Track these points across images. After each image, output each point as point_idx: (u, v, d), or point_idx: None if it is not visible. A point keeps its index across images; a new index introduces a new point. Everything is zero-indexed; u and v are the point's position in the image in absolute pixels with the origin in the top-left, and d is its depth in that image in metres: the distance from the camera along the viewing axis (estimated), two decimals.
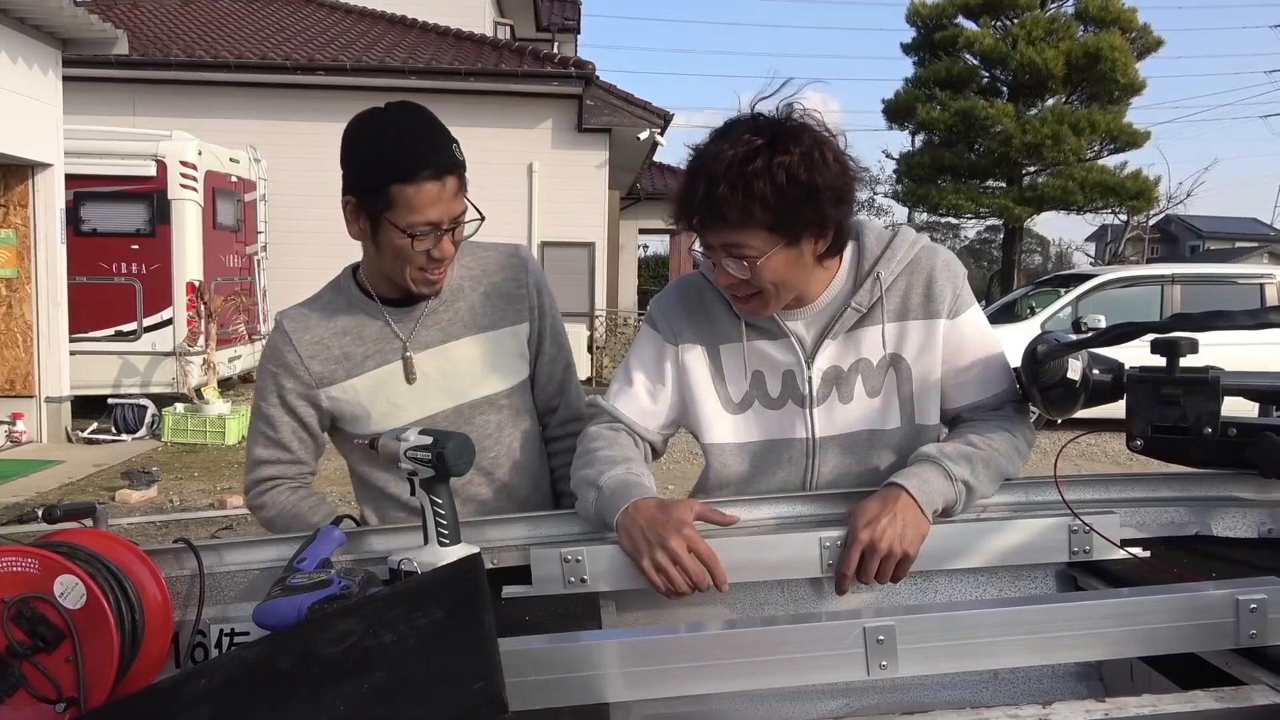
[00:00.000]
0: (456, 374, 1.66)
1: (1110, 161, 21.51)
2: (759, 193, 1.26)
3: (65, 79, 8.07)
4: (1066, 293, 10.30)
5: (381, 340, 1.64)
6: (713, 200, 1.28)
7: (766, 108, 1.33)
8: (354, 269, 1.70)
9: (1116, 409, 1.39)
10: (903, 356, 1.45)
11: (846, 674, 1.06)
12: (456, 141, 1.55)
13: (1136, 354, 1.33)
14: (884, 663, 1.05)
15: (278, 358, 1.64)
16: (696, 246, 1.40)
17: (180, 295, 9.19)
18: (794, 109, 1.33)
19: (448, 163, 1.50)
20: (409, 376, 1.63)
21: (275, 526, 1.64)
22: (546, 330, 1.75)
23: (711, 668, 1.05)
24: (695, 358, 1.49)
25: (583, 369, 11.92)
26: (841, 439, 1.47)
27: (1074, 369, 1.34)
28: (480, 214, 1.60)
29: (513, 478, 1.71)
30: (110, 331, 9.11)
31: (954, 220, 29.62)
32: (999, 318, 11.00)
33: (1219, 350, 1.49)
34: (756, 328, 1.47)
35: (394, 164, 1.47)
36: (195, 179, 9.29)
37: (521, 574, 1.32)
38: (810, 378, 1.45)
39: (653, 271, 26.87)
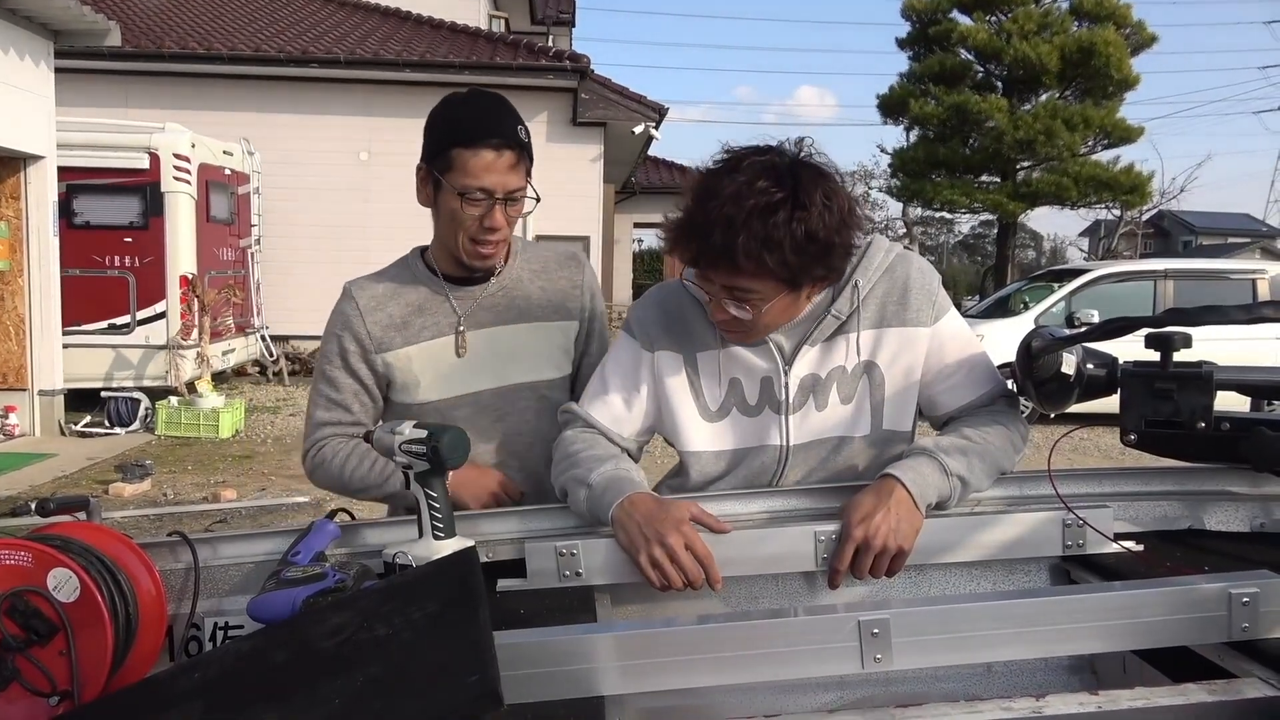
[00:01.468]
0: (505, 356, 1.73)
1: (1104, 157, 21.53)
2: (778, 247, 1.25)
3: (57, 71, 8.03)
4: (1060, 288, 10.33)
5: (439, 314, 1.72)
6: (730, 248, 1.25)
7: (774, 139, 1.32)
8: (422, 249, 1.80)
9: (1110, 403, 1.39)
10: (876, 364, 1.45)
11: (841, 667, 1.06)
12: (525, 127, 1.63)
13: (1130, 349, 1.34)
14: (878, 656, 1.05)
15: (343, 322, 1.72)
16: (690, 278, 1.39)
17: (174, 288, 9.16)
18: (804, 144, 1.32)
19: (508, 137, 1.59)
20: (459, 350, 1.71)
21: (335, 472, 1.69)
22: (595, 333, 1.83)
23: (706, 661, 1.05)
24: (672, 366, 1.48)
25: None
26: (812, 445, 1.47)
27: (1068, 363, 1.35)
28: (537, 196, 1.66)
29: (544, 468, 1.71)
30: (103, 324, 9.07)
31: (948, 215, 29.68)
32: (992, 313, 11.04)
33: (1212, 345, 1.49)
34: None
35: (457, 130, 1.60)
36: (188, 172, 9.25)
37: (516, 567, 1.32)
38: (788, 384, 1.44)
39: (647, 266, 26.82)
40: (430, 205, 1.68)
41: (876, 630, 1.05)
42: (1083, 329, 1.34)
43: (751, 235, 1.24)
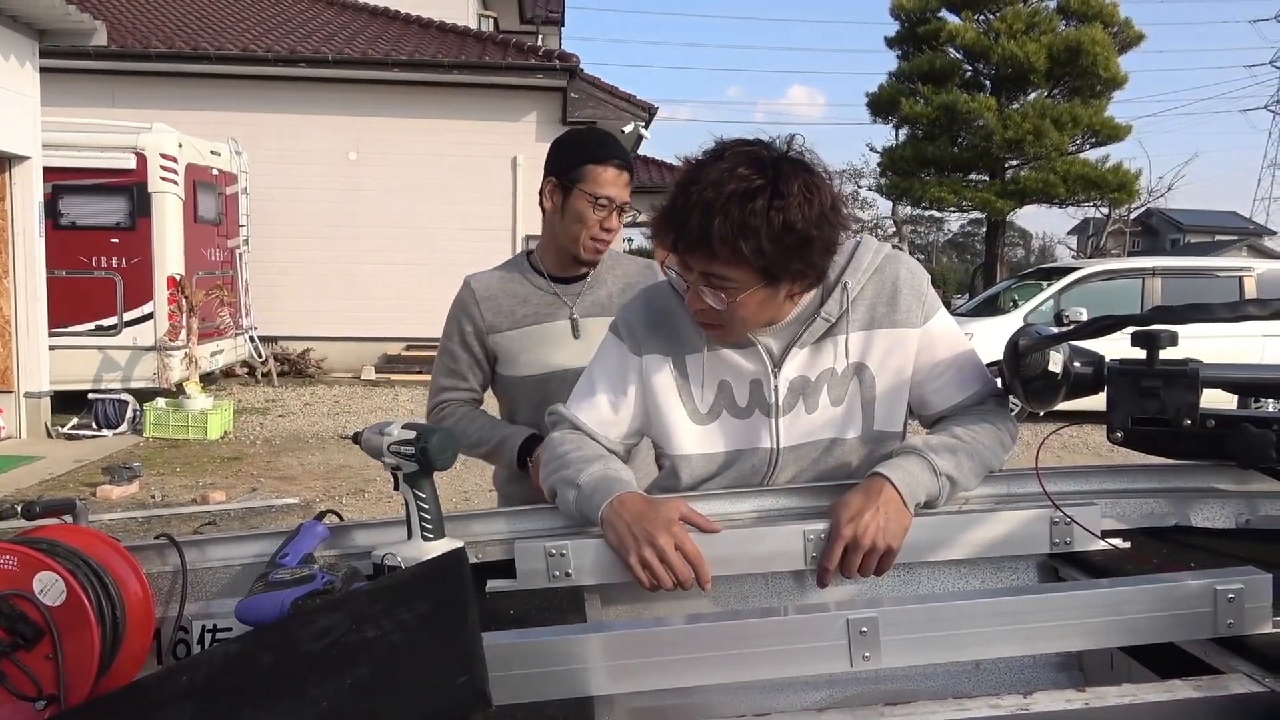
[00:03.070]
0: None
1: (1092, 155, 21.65)
2: (754, 234, 1.24)
3: (42, 70, 7.98)
4: (1048, 286, 10.38)
5: (543, 305, 2.09)
6: (706, 232, 1.25)
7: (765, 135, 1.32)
8: (527, 253, 2.17)
9: (1098, 401, 1.40)
10: (867, 365, 1.45)
11: (830, 665, 1.06)
12: (633, 158, 1.99)
13: (1117, 346, 1.35)
14: (867, 654, 1.05)
15: (463, 307, 2.10)
16: (672, 266, 1.39)
17: (161, 289, 9.12)
18: (794, 141, 1.32)
19: (627, 163, 2.03)
20: (575, 333, 2.07)
21: (453, 432, 2.00)
22: None
23: (695, 660, 1.05)
24: (660, 370, 1.47)
25: None
26: (803, 447, 1.47)
27: (1055, 362, 1.35)
28: (638, 211, 2.10)
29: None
30: (90, 326, 9.02)
31: (937, 213, 29.78)
32: (982, 311, 11.09)
33: (1198, 343, 1.50)
34: None
35: (591, 150, 2.01)
36: (176, 172, 9.20)
37: (506, 568, 1.32)
38: (777, 387, 1.44)
39: None
40: (555, 210, 2.04)
41: (865, 628, 1.05)
42: (1070, 327, 1.34)
43: (728, 220, 1.24)
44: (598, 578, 1.30)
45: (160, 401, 8.59)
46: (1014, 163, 21.71)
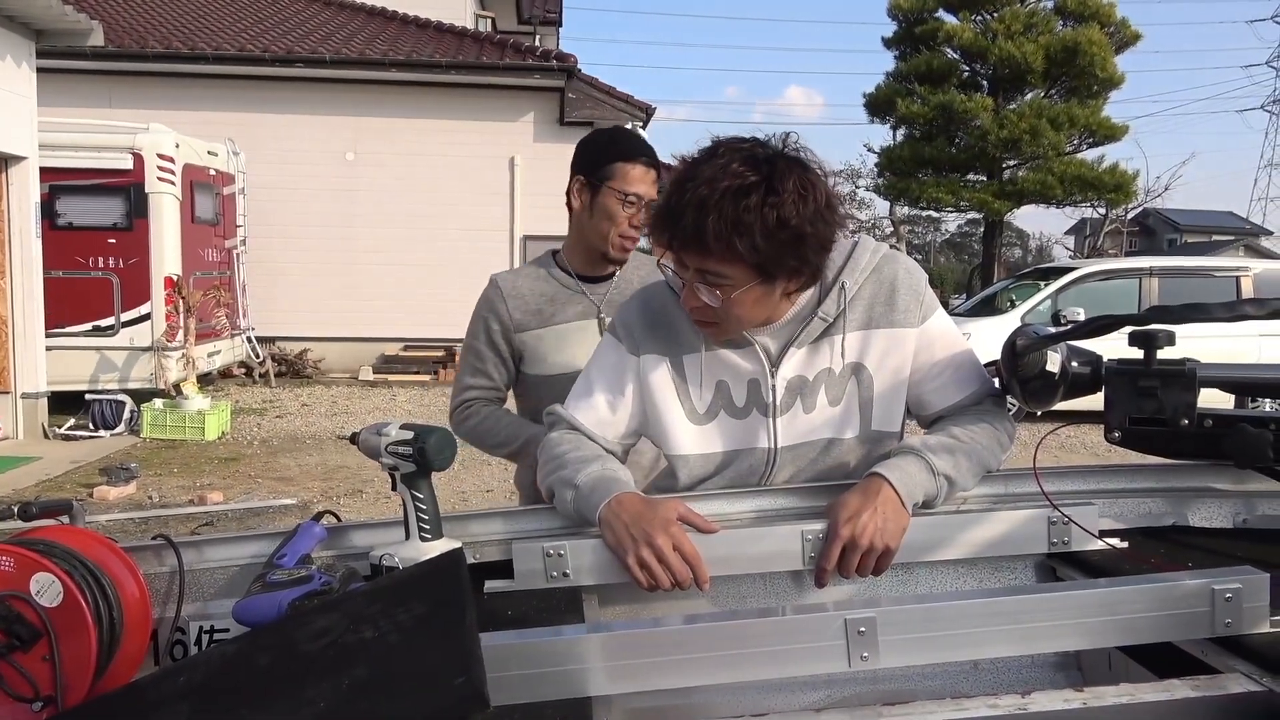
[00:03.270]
0: None
1: (1089, 155, 21.69)
2: (748, 231, 1.25)
3: (39, 71, 7.97)
4: (1046, 286, 10.40)
5: (570, 304, 2.09)
6: (701, 229, 1.26)
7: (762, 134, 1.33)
8: (553, 253, 2.17)
9: (1096, 401, 1.40)
10: (864, 365, 1.45)
11: (828, 665, 1.06)
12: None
13: (1115, 346, 1.35)
14: (865, 654, 1.05)
15: (490, 306, 2.09)
16: (668, 264, 1.39)
17: (158, 290, 9.12)
18: (790, 139, 1.32)
19: (654, 160, 2.04)
20: (602, 332, 1.98)
21: (480, 430, 2.09)
22: None
23: (693, 661, 1.05)
24: (658, 370, 1.47)
25: None
26: (801, 447, 1.46)
27: (1053, 361, 1.35)
28: None
29: None
30: (87, 326, 9.02)
31: (934, 214, 29.83)
32: (980, 311, 11.10)
33: (1196, 342, 1.50)
34: None
35: (620, 148, 2.04)
36: (173, 172, 9.20)
37: (504, 568, 1.32)
38: (775, 386, 1.44)
39: None
40: (584, 209, 2.05)
41: (863, 629, 1.05)
42: (1067, 327, 1.34)
43: (722, 217, 1.24)
44: (596, 578, 1.30)
45: (157, 402, 8.58)
46: (1011, 163, 21.73)
